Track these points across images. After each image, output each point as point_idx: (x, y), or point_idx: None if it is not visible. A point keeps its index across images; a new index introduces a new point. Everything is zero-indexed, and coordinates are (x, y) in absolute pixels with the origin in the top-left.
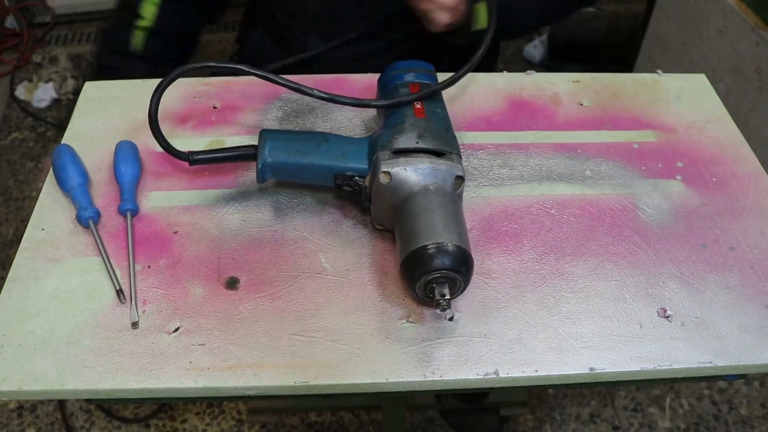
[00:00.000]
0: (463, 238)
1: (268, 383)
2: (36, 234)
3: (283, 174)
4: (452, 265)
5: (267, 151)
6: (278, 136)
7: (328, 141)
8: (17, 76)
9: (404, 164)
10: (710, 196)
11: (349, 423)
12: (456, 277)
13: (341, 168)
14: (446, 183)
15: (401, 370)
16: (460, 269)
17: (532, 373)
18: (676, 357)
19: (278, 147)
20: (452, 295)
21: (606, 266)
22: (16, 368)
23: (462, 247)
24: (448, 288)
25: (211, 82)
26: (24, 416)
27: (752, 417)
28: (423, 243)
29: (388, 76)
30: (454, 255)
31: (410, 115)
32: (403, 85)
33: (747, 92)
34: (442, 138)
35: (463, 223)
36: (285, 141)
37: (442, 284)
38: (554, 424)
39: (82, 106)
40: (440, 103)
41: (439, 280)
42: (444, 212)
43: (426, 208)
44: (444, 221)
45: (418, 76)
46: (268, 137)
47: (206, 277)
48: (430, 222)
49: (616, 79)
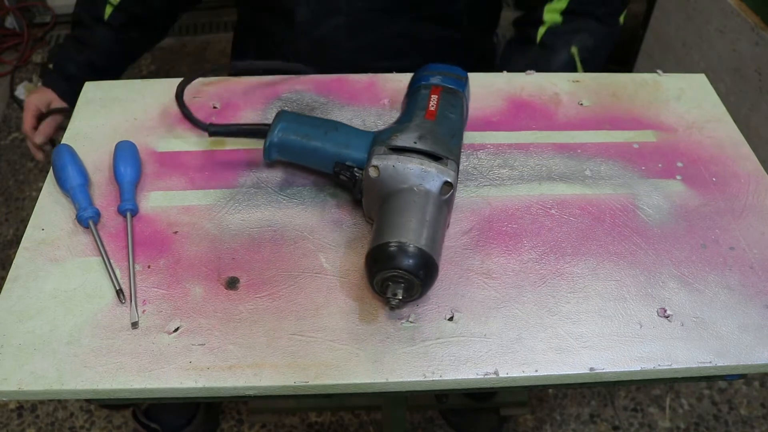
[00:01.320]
0: (431, 243)
1: (268, 383)
2: (36, 234)
3: (288, 155)
4: (409, 267)
5: (277, 131)
6: (292, 118)
7: (337, 130)
8: (17, 76)
9: (394, 161)
10: (710, 196)
11: (349, 423)
12: (413, 279)
13: (342, 156)
14: (433, 187)
15: (401, 370)
16: (417, 272)
17: (532, 373)
18: (676, 357)
19: (289, 128)
20: (408, 297)
21: (606, 266)
22: (16, 368)
23: (425, 251)
24: (403, 289)
25: (211, 82)
26: (24, 416)
27: (752, 417)
28: (387, 240)
29: (418, 75)
30: (414, 257)
31: (420, 115)
32: (426, 86)
33: (747, 92)
34: (442, 142)
35: (438, 229)
36: (297, 124)
37: (398, 284)
38: (554, 424)
39: (82, 106)
40: (458, 108)
41: (396, 279)
42: (420, 214)
43: (403, 207)
44: (416, 223)
45: (444, 79)
46: (282, 118)
47: (206, 277)
48: (401, 221)
49: (616, 79)
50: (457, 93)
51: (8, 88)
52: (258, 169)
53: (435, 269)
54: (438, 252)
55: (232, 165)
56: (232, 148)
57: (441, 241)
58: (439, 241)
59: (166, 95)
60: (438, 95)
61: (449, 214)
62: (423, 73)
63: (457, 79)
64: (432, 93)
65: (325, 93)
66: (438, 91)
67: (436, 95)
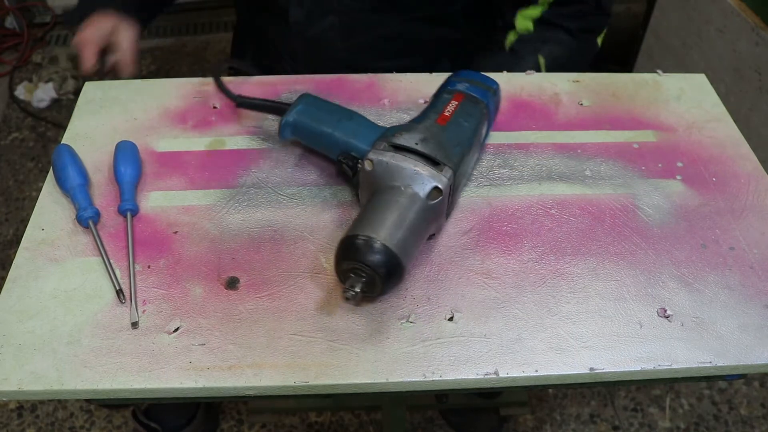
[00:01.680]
0: (402, 245)
1: (268, 383)
2: (36, 234)
3: (300, 136)
4: (372, 262)
5: (294, 111)
6: (312, 101)
7: (351, 120)
8: (17, 76)
9: (389, 158)
10: (710, 196)
11: (349, 423)
12: (374, 275)
13: (348, 146)
14: (421, 190)
15: (401, 370)
16: (378, 269)
17: (532, 373)
18: (676, 357)
19: (306, 111)
20: (368, 292)
21: (606, 266)
22: (16, 368)
23: (391, 250)
24: (363, 283)
25: (211, 82)
26: (24, 416)
27: (752, 417)
28: (357, 232)
29: (448, 80)
30: (379, 254)
31: (432, 118)
32: (449, 91)
33: (747, 92)
34: (445, 148)
35: (417, 233)
36: (315, 108)
37: (359, 277)
38: (554, 424)
39: (82, 106)
40: (474, 117)
41: (358, 272)
42: (398, 214)
43: (386, 204)
44: (392, 222)
45: (470, 87)
46: (303, 100)
47: (206, 277)
48: (378, 217)
49: (616, 79)
50: (479, 103)
51: (8, 88)
52: (258, 169)
53: (400, 270)
54: (409, 255)
55: (232, 165)
56: (232, 148)
57: (416, 245)
58: (413, 245)
59: (166, 95)
60: (458, 102)
61: (439, 220)
62: (452, 79)
63: (484, 89)
64: (453, 99)
65: (325, 93)
66: (460, 98)
67: (457, 102)
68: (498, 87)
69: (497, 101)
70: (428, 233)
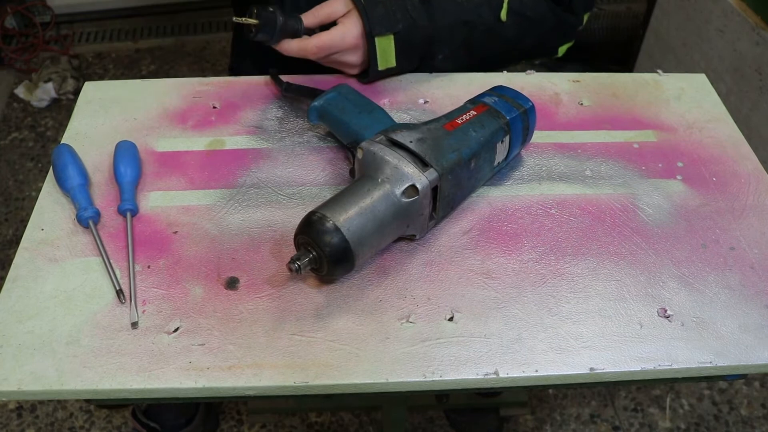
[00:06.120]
0: (357, 232)
1: (267, 383)
2: (36, 234)
3: (325, 121)
4: (320, 241)
5: (323, 98)
6: (346, 91)
7: (370, 113)
8: (17, 76)
9: (378, 149)
10: (710, 196)
11: (349, 423)
12: (321, 253)
13: (359, 136)
14: (396, 186)
15: (401, 370)
16: (324, 248)
17: (532, 373)
18: (676, 357)
19: (334, 99)
20: (314, 268)
21: (606, 266)
22: (15, 368)
23: (342, 234)
24: (310, 260)
25: (211, 82)
26: (24, 416)
27: (752, 417)
28: (317, 210)
29: (482, 92)
30: (328, 234)
31: (441, 122)
32: (474, 101)
33: (747, 92)
34: (438, 152)
35: (379, 226)
36: (344, 98)
37: (307, 252)
38: (554, 425)
39: (82, 106)
40: (487, 130)
41: (308, 247)
42: (363, 203)
43: (357, 190)
44: (355, 209)
45: (497, 102)
46: (336, 89)
47: (206, 277)
48: (343, 201)
49: (617, 79)
50: (500, 117)
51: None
52: (258, 169)
53: (349, 256)
54: (363, 244)
55: (232, 165)
56: (232, 148)
57: (376, 238)
58: (372, 236)
59: (166, 95)
60: (477, 113)
61: (415, 221)
62: (486, 91)
63: (512, 106)
64: (474, 109)
65: None
66: (481, 110)
67: (475, 112)
68: (532, 106)
69: (529, 120)
70: (399, 232)
